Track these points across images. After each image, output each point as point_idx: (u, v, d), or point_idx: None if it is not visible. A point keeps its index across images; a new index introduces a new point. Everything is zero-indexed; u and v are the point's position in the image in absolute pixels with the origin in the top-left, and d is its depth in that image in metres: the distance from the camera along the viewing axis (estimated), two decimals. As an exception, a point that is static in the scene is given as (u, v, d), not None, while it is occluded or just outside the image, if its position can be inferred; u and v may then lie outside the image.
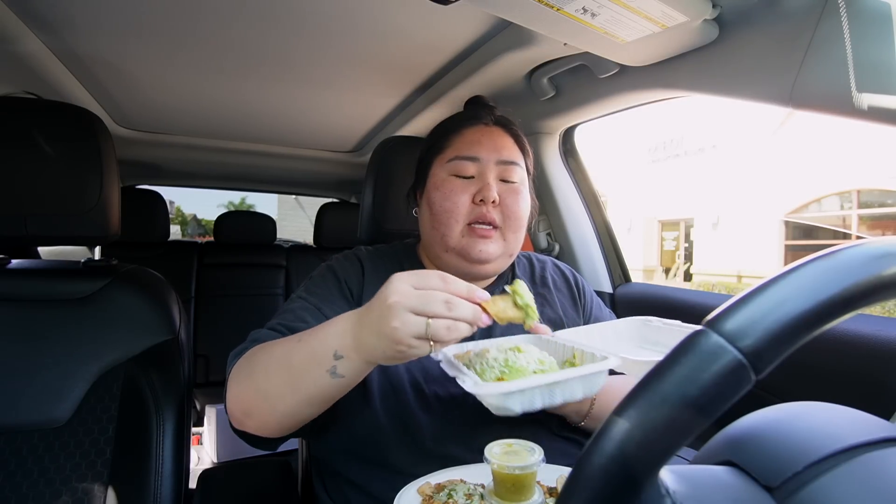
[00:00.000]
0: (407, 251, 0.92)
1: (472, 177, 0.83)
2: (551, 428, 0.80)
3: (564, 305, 0.93)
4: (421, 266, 0.89)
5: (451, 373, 0.61)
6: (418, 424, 0.75)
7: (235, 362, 0.70)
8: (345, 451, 0.77)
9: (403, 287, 0.53)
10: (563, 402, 0.57)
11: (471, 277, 0.83)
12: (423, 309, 0.52)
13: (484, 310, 0.56)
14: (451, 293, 0.53)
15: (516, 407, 0.55)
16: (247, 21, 1.00)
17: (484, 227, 0.80)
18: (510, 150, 0.86)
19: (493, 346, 0.64)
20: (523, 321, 0.60)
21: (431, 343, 0.53)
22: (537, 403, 0.56)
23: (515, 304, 0.60)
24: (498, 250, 0.82)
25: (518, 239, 0.85)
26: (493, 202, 0.80)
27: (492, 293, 0.83)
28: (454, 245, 0.81)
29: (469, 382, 0.56)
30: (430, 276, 0.54)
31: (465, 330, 0.54)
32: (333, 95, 1.43)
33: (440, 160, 0.86)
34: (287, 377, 0.63)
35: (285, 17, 0.97)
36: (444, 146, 0.86)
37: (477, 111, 0.90)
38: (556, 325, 0.89)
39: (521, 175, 0.85)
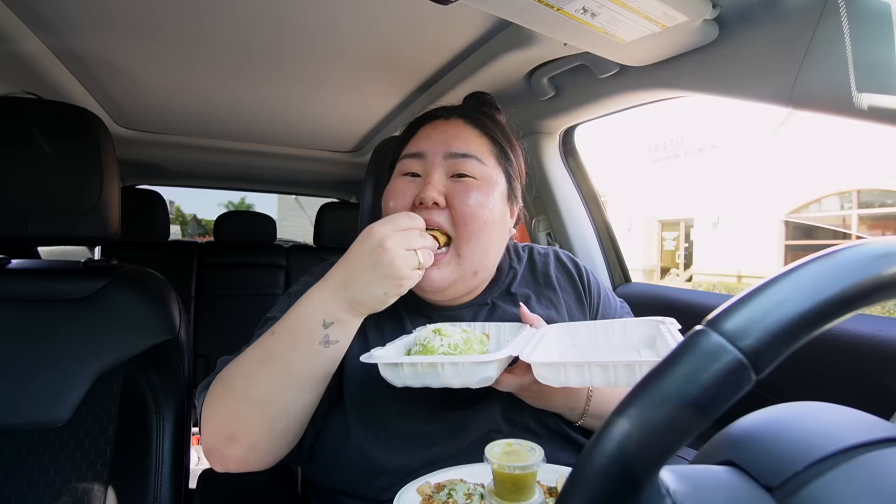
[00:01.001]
0: None
1: (419, 175, 0.75)
2: (555, 435, 0.76)
3: (570, 307, 0.85)
4: None
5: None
6: (407, 457, 0.69)
7: (205, 394, 0.67)
8: (337, 489, 0.73)
9: (389, 231, 0.61)
10: (440, 386, 0.60)
11: (435, 303, 0.79)
12: (410, 244, 0.61)
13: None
14: (417, 227, 0.64)
15: (395, 381, 0.61)
16: (247, 21, 1.00)
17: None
18: (466, 141, 0.75)
19: (426, 329, 0.69)
20: (447, 241, 0.73)
21: (420, 272, 0.63)
22: (412, 382, 0.61)
23: (441, 233, 0.73)
24: (451, 273, 0.72)
25: (479, 250, 0.72)
26: (436, 204, 0.71)
27: (476, 312, 0.82)
28: None
29: (366, 355, 0.62)
30: (400, 218, 0.63)
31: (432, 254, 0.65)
32: (333, 95, 1.43)
33: (396, 165, 0.80)
34: (274, 371, 0.62)
35: (286, 17, 0.97)
36: (402, 149, 0.80)
37: (442, 107, 0.82)
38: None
39: (481, 170, 0.74)
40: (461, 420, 0.71)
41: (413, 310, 0.80)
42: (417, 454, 0.69)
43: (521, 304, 0.79)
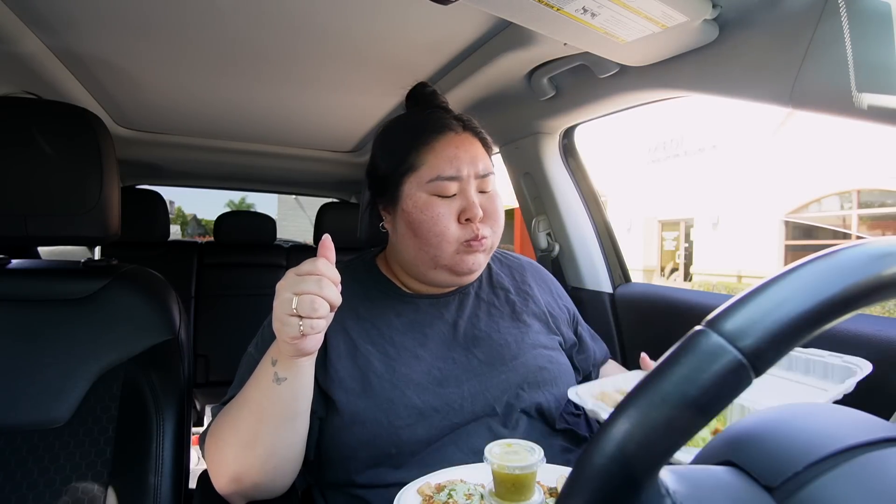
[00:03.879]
0: (367, 266, 0.89)
1: (454, 194, 0.79)
2: (550, 426, 0.80)
3: (548, 299, 0.94)
4: (385, 279, 0.87)
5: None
6: (408, 443, 0.73)
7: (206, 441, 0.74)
8: (341, 482, 0.76)
9: (289, 274, 0.60)
10: None
11: (455, 284, 0.85)
12: (295, 288, 0.58)
13: None
14: (322, 274, 0.59)
15: None
16: (247, 21, 1.00)
17: (478, 242, 0.79)
18: (484, 158, 0.83)
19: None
20: None
21: (300, 322, 0.57)
22: None
23: None
24: (486, 259, 0.83)
25: (496, 243, 0.85)
26: (480, 219, 0.79)
27: (461, 301, 0.88)
28: (446, 263, 0.79)
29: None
30: (306, 263, 0.60)
31: (327, 309, 0.59)
32: (333, 95, 1.43)
33: (415, 179, 0.79)
34: (250, 414, 0.66)
35: (285, 17, 0.97)
36: (416, 163, 0.80)
37: (442, 118, 0.83)
38: (541, 319, 0.90)
39: (493, 183, 0.84)
40: (458, 403, 0.76)
41: (396, 299, 0.85)
42: (418, 436, 0.73)
43: (643, 355, 0.84)
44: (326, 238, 0.62)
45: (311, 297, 0.57)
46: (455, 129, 0.82)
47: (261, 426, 0.66)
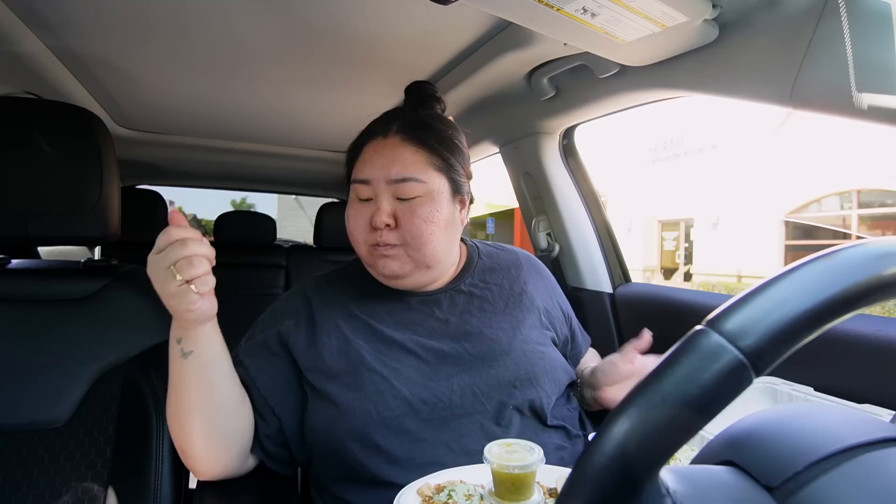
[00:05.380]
0: (362, 267, 0.88)
1: (371, 198, 0.80)
2: (538, 419, 0.80)
3: (543, 295, 0.94)
4: (372, 281, 0.86)
5: None
6: (396, 434, 0.73)
7: None
8: (339, 480, 0.76)
9: (151, 258, 0.63)
10: None
11: (410, 290, 0.85)
12: (166, 262, 0.61)
13: None
14: (180, 238, 0.61)
15: None
16: (248, 22, 1.00)
17: (381, 248, 0.78)
18: (405, 164, 0.78)
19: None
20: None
21: (189, 283, 0.61)
22: None
23: None
24: (404, 266, 0.79)
25: (427, 254, 0.79)
26: (388, 226, 0.78)
27: (453, 298, 0.87)
28: (366, 261, 0.83)
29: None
30: (159, 238, 0.62)
31: (206, 264, 0.62)
32: (334, 96, 1.43)
33: (352, 181, 0.84)
34: (173, 393, 0.72)
35: (286, 17, 0.97)
36: (352, 166, 0.84)
37: (379, 122, 0.84)
38: (534, 314, 0.89)
39: (422, 188, 0.78)
40: (447, 397, 0.76)
41: (389, 298, 0.85)
42: (406, 427, 0.73)
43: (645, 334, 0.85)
44: (174, 211, 0.65)
45: (187, 259, 0.61)
46: (383, 134, 0.82)
47: (181, 402, 0.70)
